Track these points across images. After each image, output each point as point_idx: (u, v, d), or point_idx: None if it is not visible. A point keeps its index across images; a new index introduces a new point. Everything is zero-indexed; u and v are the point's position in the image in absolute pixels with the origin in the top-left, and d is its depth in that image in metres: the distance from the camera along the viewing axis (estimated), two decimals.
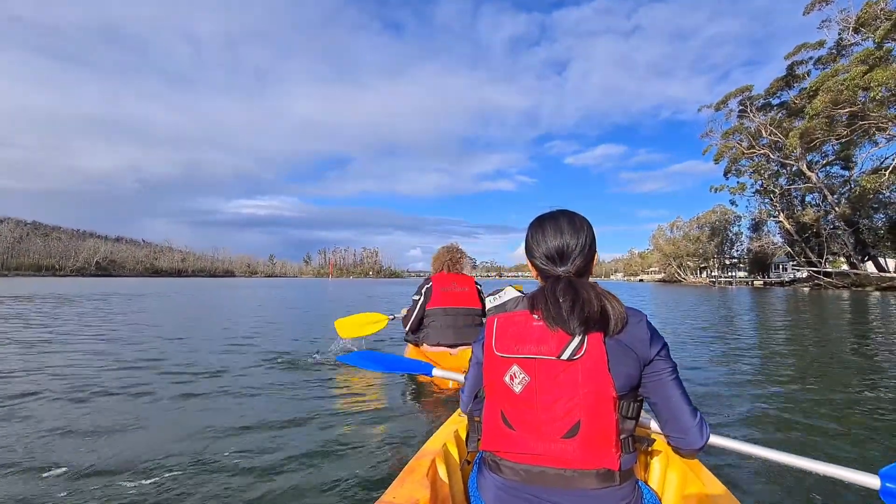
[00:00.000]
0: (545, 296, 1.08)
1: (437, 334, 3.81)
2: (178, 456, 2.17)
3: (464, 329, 3.83)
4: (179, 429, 2.55)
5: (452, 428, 1.56)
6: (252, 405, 2.99)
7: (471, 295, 3.96)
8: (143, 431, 2.52)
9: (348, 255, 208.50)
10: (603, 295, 1.07)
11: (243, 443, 2.33)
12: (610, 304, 1.06)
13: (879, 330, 7.94)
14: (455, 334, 3.79)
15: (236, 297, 18.56)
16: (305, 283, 60.43)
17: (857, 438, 2.52)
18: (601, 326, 1.04)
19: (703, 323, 9.03)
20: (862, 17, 25.18)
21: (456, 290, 3.94)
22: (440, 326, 3.82)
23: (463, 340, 3.80)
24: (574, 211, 1.20)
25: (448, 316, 3.83)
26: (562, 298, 1.05)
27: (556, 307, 1.05)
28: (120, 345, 5.45)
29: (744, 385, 3.71)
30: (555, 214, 1.19)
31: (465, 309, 3.88)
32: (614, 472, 1.02)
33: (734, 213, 60.82)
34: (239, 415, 2.78)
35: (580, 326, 1.02)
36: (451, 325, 3.81)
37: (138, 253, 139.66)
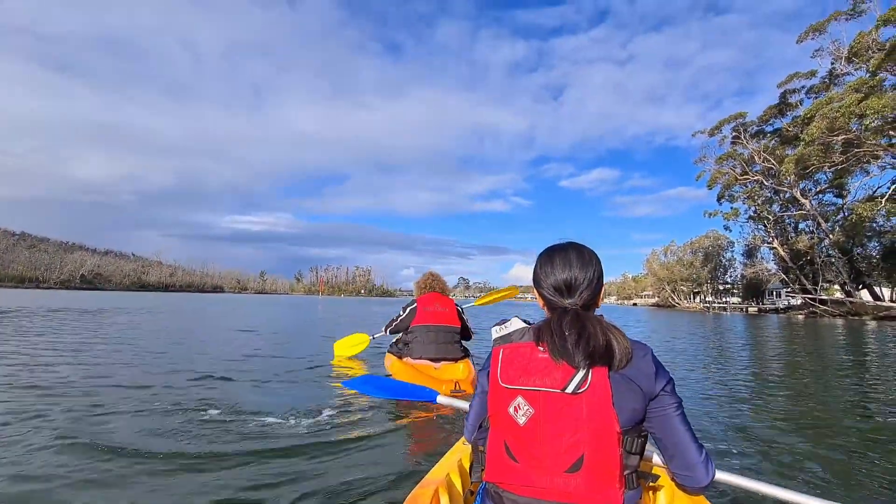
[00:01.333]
0: (551, 328, 1.08)
1: (421, 349, 4.23)
2: (166, 479, 2.11)
3: (445, 345, 4.26)
4: (165, 456, 2.41)
5: (456, 457, 1.54)
6: (246, 432, 2.82)
7: (451, 315, 4.39)
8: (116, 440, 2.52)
9: (340, 272, 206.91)
10: (608, 329, 1.07)
11: (240, 471, 2.23)
12: (615, 339, 1.05)
13: (881, 363, 7.77)
14: (437, 349, 4.22)
15: (206, 315, 17.56)
16: (293, 300, 59.20)
17: (866, 476, 2.43)
18: (606, 360, 1.04)
19: (700, 351, 8.89)
20: (855, 47, 25.48)
21: (438, 309, 4.36)
22: (424, 342, 4.23)
23: (444, 355, 4.22)
24: (584, 245, 1.21)
25: (431, 332, 4.25)
26: (567, 331, 1.06)
27: (561, 340, 1.05)
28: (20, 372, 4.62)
29: (746, 417, 3.62)
30: (564, 247, 1.20)
31: (447, 327, 4.31)
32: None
33: (727, 239, 61.05)
34: (232, 443, 2.62)
35: (585, 360, 1.02)
36: (433, 340, 4.23)
37: (126, 266, 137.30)
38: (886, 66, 22.83)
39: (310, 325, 13.60)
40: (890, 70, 23.62)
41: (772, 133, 38.35)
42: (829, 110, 22.73)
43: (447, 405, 2.06)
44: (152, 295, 61.75)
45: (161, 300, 34.88)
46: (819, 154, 24.04)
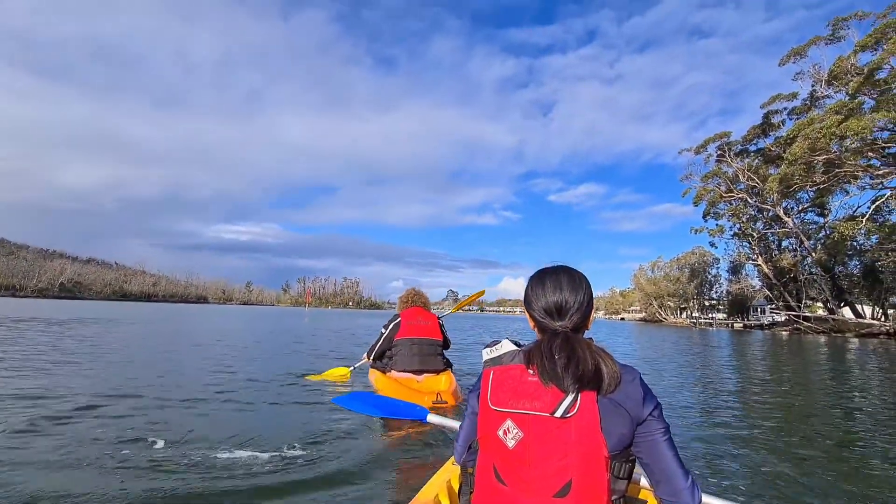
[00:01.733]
0: (541, 351, 1.08)
1: (405, 361, 4.35)
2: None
3: (428, 357, 4.41)
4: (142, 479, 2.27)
5: (445, 478, 1.52)
6: (201, 469, 2.55)
7: (434, 328, 4.54)
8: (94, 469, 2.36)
9: (328, 284, 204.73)
10: (598, 353, 1.08)
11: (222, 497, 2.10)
12: (604, 363, 1.06)
13: (865, 382, 7.88)
14: (420, 362, 4.36)
15: (182, 327, 16.98)
16: (279, 312, 58.16)
17: (851, 499, 2.42)
18: (595, 385, 1.04)
19: (688, 368, 8.87)
20: (835, 71, 26.25)
21: (421, 323, 4.51)
22: (407, 355, 4.35)
23: (426, 367, 4.37)
24: (574, 268, 1.23)
25: (414, 345, 4.38)
26: (557, 355, 1.06)
27: (551, 363, 1.06)
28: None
29: (732, 440, 3.60)
30: (556, 270, 1.22)
31: (429, 339, 4.47)
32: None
33: (713, 256, 61.81)
34: (211, 467, 2.46)
35: (574, 384, 1.03)
36: (416, 353, 4.37)
37: (107, 275, 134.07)
38: (865, 89, 23.51)
39: (291, 338, 13.17)
40: (868, 93, 24.35)
41: (755, 152, 39.20)
42: (811, 131, 23.26)
43: (437, 425, 2.02)
44: (132, 305, 60.13)
45: (139, 310, 33.90)
46: (802, 173, 24.54)
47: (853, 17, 27.62)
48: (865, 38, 24.21)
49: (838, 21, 28.07)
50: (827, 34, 29.29)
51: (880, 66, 22.67)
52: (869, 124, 21.07)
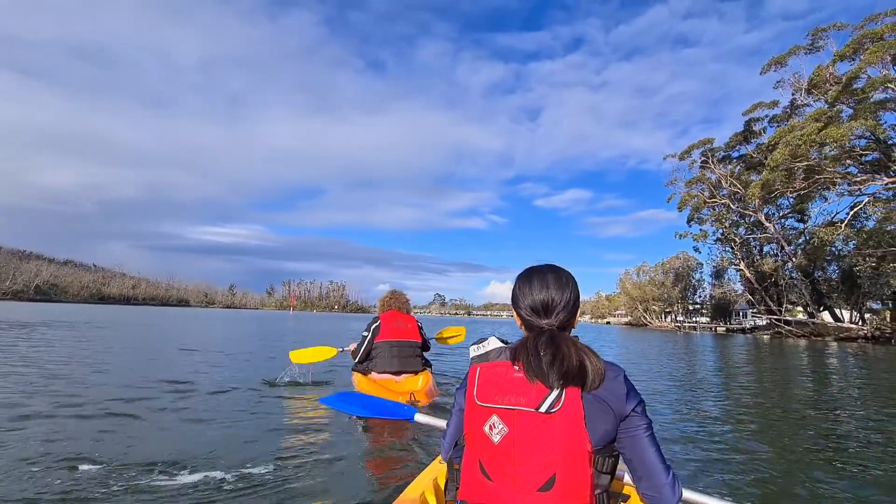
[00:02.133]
0: (527, 348, 1.10)
1: (384, 363, 4.45)
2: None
3: (407, 359, 4.51)
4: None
5: (432, 475, 1.53)
6: (210, 455, 2.67)
7: (413, 331, 4.67)
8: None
9: (314, 287, 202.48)
10: (582, 350, 1.09)
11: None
12: (589, 360, 1.08)
13: (842, 382, 8.12)
14: (400, 363, 4.47)
15: (156, 330, 16.40)
16: (262, 315, 57.13)
17: (831, 496, 2.49)
18: (579, 381, 1.05)
19: (674, 371, 8.96)
20: (814, 79, 26.82)
21: (401, 326, 4.62)
22: (387, 356, 4.46)
23: (406, 368, 4.47)
24: (561, 266, 1.24)
25: (394, 347, 4.49)
26: (542, 352, 1.08)
27: (536, 360, 1.07)
28: None
29: (714, 439, 3.66)
30: (542, 269, 1.23)
31: (409, 342, 4.59)
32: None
33: (696, 260, 62.77)
34: (196, 469, 2.44)
35: (559, 380, 1.04)
36: (396, 355, 4.47)
37: (85, 277, 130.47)
38: (843, 98, 24.05)
39: (270, 343, 12.75)
40: (846, 102, 24.93)
41: (737, 159, 39.91)
42: (791, 138, 23.69)
43: (425, 424, 2.03)
44: (110, 308, 58.47)
45: (115, 314, 32.86)
46: (783, 179, 24.95)
47: (832, 28, 28.32)
48: (844, 48, 24.81)
49: (817, 31, 28.76)
50: (806, 44, 29.98)
51: (858, 75, 23.23)
52: (847, 132, 21.54)
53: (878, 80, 22.87)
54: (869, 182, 24.85)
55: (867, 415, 4.94)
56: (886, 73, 23.02)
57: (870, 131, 22.53)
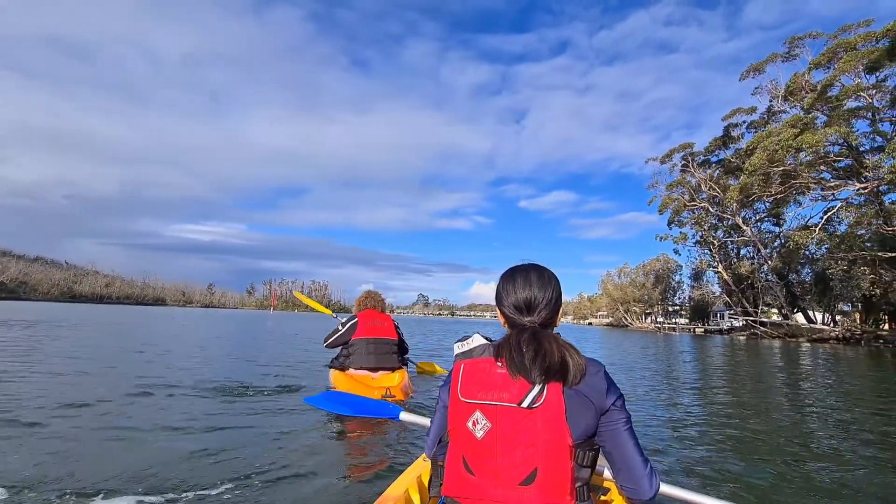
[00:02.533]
0: (510, 345, 1.12)
1: (361, 359, 4.57)
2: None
3: (383, 356, 4.64)
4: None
5: (415, 472, 1.54)
6: (189, 456, 2.61)
7: (390, 329, 4.81)
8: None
9: (296, 286, 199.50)
10: (564, 347, 1.12)
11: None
12: (570, 356, 1.10)
13: (813, 381, 8.43)
14: (376, 360, 4.59)
15: (119, 330, 15.74)
16: (241, 315, 55.89)
17: (800, 488, 2.57)
18: (561, 376, 1.08)
19: (654, 369, 9.16)
20: (791, 87, 27.50)
21: (377, 324, 4.74)
22: (364, 353, 4.57)
23: (382, 365, 4.61)
24: (544, 266, 1.27)
25: (371, 345, 4.61)
26: (525, 348, 1.10)
27: (519, 356, 1.09)
28: None
29: (691, 433, 3.77)
30: (526, 267, 1.25)
31: (386, 339, 4.71)
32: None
33: (676, 263, 63.96)
34: (175, 467, 2.40)
35: (540, 376, 1.07)
36: (373, 352, 4.59)
37: (56, 275, 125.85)
38: (818, 105, 24.69)
39: (243, 343, 12.30)
40: (820, 109, 25.61)
41: (716, 163, 40.73)
42: (769, 143, 24.21)
43: (410, 422, 2.03)
44: (80, 307, 56.41)
45: (84, 312, 31.62)
46: (760, 183, 25.47)
47: (807, 37, 29.11)
48: (819, 56, 25.50)
49: (794, 39, 29.51)
50: (783, 52, 30.73)
51: (832, 83, 23.89)
52: (822, 138, 22.11)
53: (850, 88, 23.56)
54: (842, 188, 25.57)
55: (833, 412, 5.16)
56: (859, 82, 23.73)
57: (843, 138, 23.19)
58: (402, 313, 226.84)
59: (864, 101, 24.89)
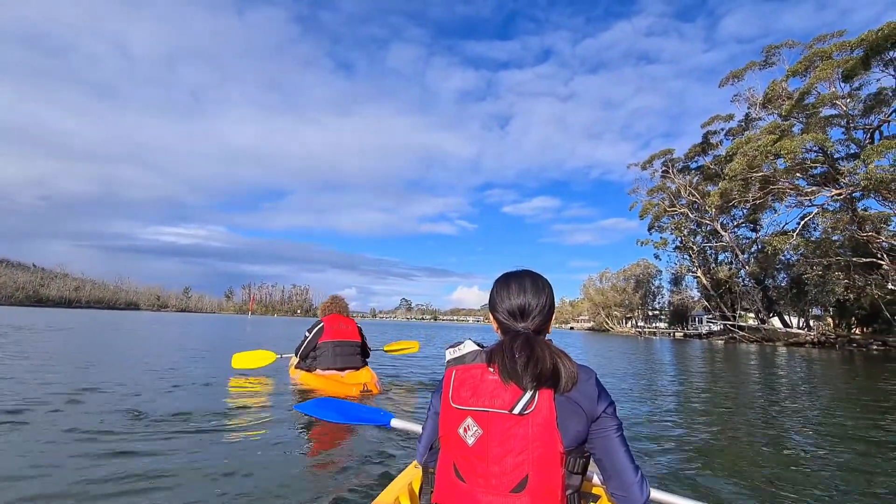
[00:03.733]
0: (503, 351, 1.11)
1: (328, 361, 4.94)
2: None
3: (349, 357, 5.02)
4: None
5: (406, 480, 1.53)
6: (166, 465, 2.50)
7: (354, 332, 5.14)
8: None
9: (275, 291, 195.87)
10: (556, 354, 1.11)
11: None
12: (562, 363, 1.09)
13: (790, 384, 8.63)
14: (343, 361, 4.97)
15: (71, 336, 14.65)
16: (218, 320, 54.08)
17: (784, 492, 2.59)
18: (552, 383, 1.07)
19: (636, 374, 9.31)
20: (769, 94, 27.94)
21: (342, 328, 5.08)
22: (330, 355, 4.94)
23: (348, 365, 5.00)
24: (538, 273, 1.27)
25: (337, 347, 4.98)
26: (518, 354, 1.09)
27: (511, 362, 1.08)
28: None
29: (678, 439, 3.78)
30: (520, 274, 1.25)
31: (351, 342, 5.07)
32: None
33: (656, 268, 64.79)
34: (153, 477, 2.32)
35: (532, 382, 1.06)
36: (339, 353, 4.97)
37: (20, 277, 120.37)
38: (795, 112, 25.08)
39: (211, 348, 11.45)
40: (797, 117, 26.06)
41: (696, 170, 41.30)
42: (748, 149, 24.47)
43: (401, 429, 2.02)
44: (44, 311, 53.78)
45: (44, 317, 29.90)
46: (740, 189, 25.70)
47: (784, 46, 29.72)
48: (796, 64, 25.95)
49: (771, 48, 30.10)
50: (761, 60, 31.30)
51: (809, 90, 24.30)
52: (800, 144, 22.41)
53: (826, 96, 24.01)
54: (817, 194, 26.00)
55: (825, 418, 5.24)
56: (834, 91, 24.20)
57: (819, 145, 23.55)
58: (384, 317, 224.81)
59: (839, 110, 25.42)
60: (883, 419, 4.97)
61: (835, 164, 25.37)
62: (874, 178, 20.21)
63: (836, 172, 24.39)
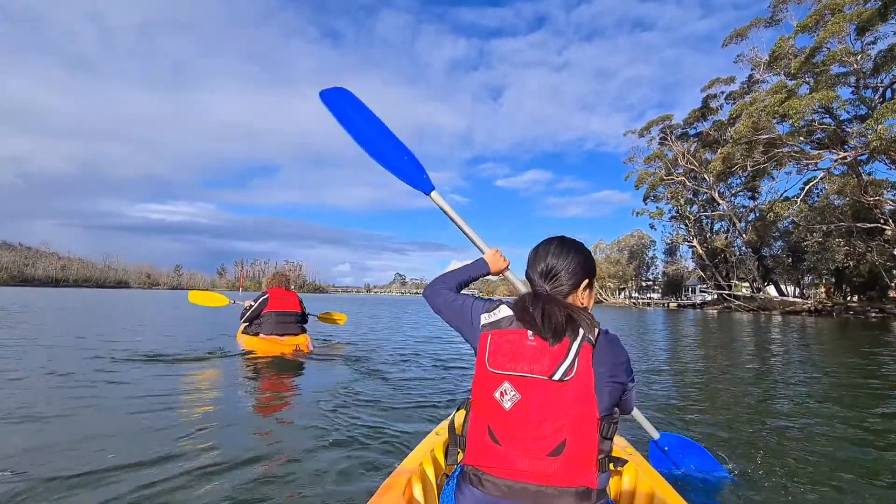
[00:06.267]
0: (520, 307, 1.16)
1: (271, 328, 5.75)
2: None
3: (289, 325, 5.85)
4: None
5: (429, 446, 1.58)
6: (211, 427, 2.80)
7: (294, 303, 5.98)
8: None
9: (268, 267, 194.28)
10: (570, 308, 1.14)
11: (210, 465, 2.19)
12: (577, 315, 1.12)
13: (783, 351, 8.70)
14: (283, 328, 5.79)
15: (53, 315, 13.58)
16: None
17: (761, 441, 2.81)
18: (571, 333, 1.09)
19: (640, 343, 9.46)
20: (775, 52, 26.49)
21: (284, 300, 5.93)
22: (272, 323, 5.76)
23: (288, 332, 5.80)
24: (570, 238, 1.31)
25: (279, 316, 5.80)
26: (532, 308, 1.13)
27: (530, 316, 1.12)
28: None
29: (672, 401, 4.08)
30: (551, 240, 1.30)
31: (291, 312, 5.90)
32: (592, 491, 1.06)
33: (650, 238, 64.27)
34: (201, 438, 2.60)
35: (553, 337, 1.09)
36: (280, 321, 5.79)
37: (4, 257, 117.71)
38: (805, 69, 23.77)
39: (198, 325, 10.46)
40: (803, 78, 24.77)
41: (694, 136, 40.04)
42: (753, 109, 23.26)
43: (438, 204, 1.78)
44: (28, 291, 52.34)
45: (23, 297, 28.67)
46: (744, 153, 24.62)
47: (792, 0, 28.00)
48: (806, 18, 24.42)
49: (778, 2, 28.39)
50: (767, 17, 29.66)
51: (820, 46, 22.92)
52: (809, 103, 21.24)
53: (837, 52, 22.67)
54: (823, 158, 25.02)
55: (795, 376, 5.56)
56: (846, 46, 22.84)
57: (828, 104, 22.41)
58: (379, 292, 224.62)
59: (849, 67, 24.12)
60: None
61: (841, 125, 24.29)
62: (886, 137, 19.21)
63: (843, 134, 23.34)
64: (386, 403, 3.56)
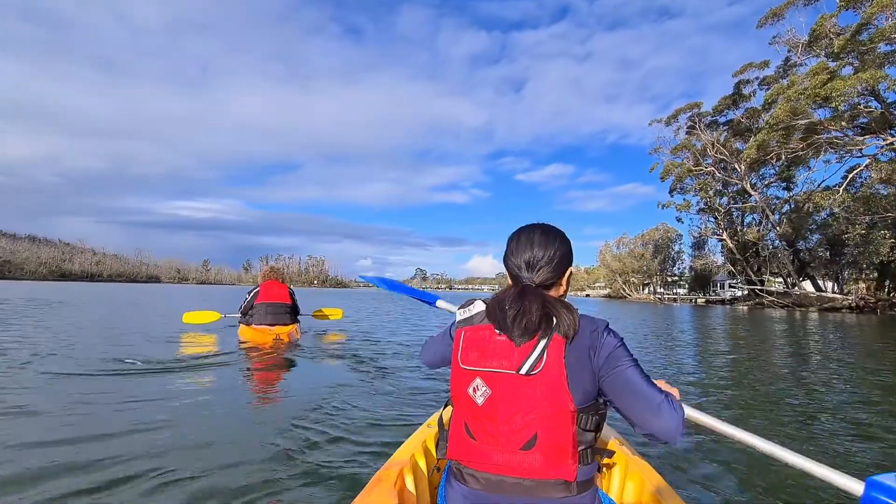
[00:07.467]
0: (496, 305, 1.13)
1: (261, 318, 6.16)
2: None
3: (278, 315, 6.24)
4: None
5: (421, 438, 1.58)
6: (204, 414, 2.91)
7: (284, 295, 6.43)
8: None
9: (293, 262, 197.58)
10: (552, 304, 1.09)
11: (207, 456, 2.26)
12: (557, 313, 1.07)
13: (824, 352, 8.19)
14: (273, 318, 6.18)
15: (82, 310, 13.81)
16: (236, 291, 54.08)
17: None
18: (545, 333, 1.06)
19: (668, 342, 9.02)
20: (816, 31, 24.84)
21: (276, 292, 6.38)
22: (263, 313, 6.17)
23: (277, 322, 6.19)
24: (552, 226, 1.25)
25: (270, 307, 6.22)
26: (508, 307, 1.10)
27: (502, 315, 1.09)
28: None
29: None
30: (532, 227, 1.24)
31: (281, 303, 6.32)
32: (571, 483, 1.06)
33: (676, 232, 62.20)
34: (196, 427, 2.68)
35: (521, 337, 1.06)
36: (271, 312, 6.20)
37: (43, 253, 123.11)
38: (847, 49, 22.18)
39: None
40: (847, 59, 23.13)
41: (724, 125, 38.24)
42: (792, 93, 21.84)
43: (444, 308, 2.00)
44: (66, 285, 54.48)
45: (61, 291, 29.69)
46: (780, 139, 23.21)
47: None
48: None
49: None
50: None
51: (867, 23, 21.28)
52: (855, 84, 19.78)
53: (886, 28, 21.00)
54: (865, 144, 23.37)
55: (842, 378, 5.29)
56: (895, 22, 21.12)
57: (876, 84, 20.82)
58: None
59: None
60: None
61: (889, 108, 22.61)
62: None
63: (892, 117, 21.69)
64: (379, 396, 3.60)
